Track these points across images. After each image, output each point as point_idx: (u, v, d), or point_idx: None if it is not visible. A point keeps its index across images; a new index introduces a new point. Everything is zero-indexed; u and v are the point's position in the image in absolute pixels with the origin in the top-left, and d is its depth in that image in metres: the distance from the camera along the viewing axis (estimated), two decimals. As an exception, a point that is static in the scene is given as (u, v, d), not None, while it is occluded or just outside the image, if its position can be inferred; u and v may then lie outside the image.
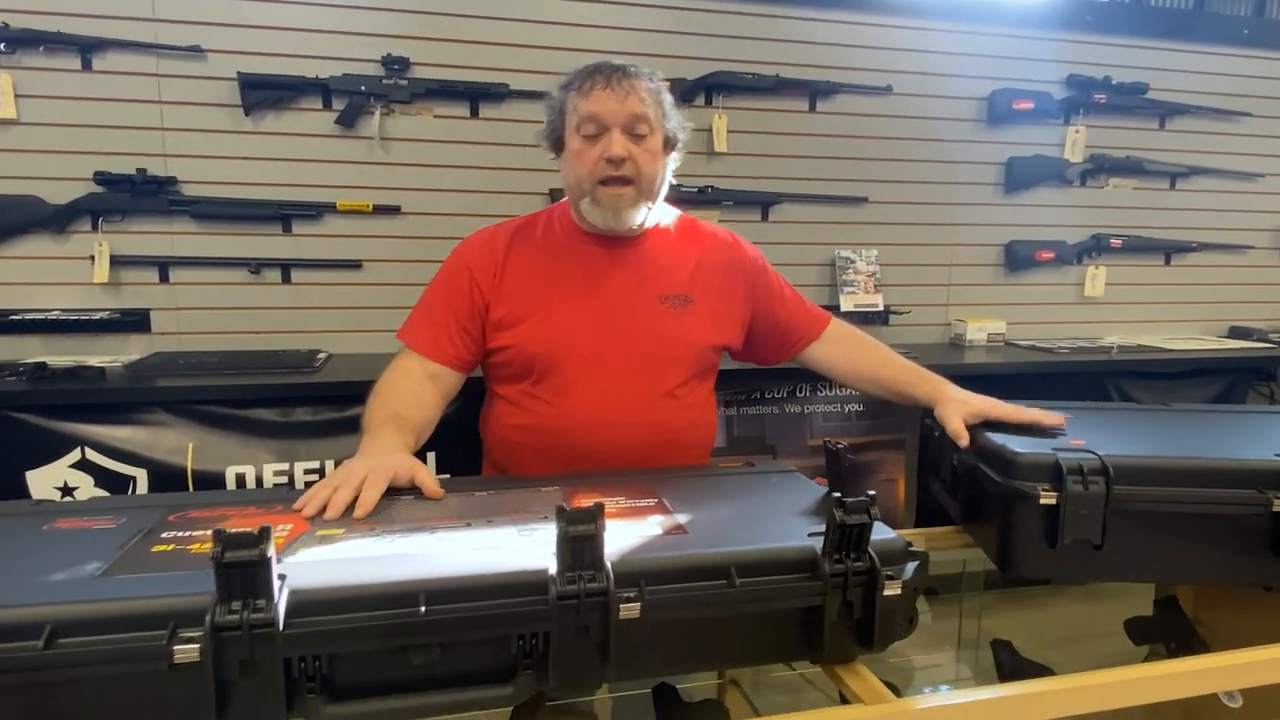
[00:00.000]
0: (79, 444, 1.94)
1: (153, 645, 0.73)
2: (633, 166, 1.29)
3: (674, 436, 1.37)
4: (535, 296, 1.35)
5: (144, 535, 0.94)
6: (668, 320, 1.37)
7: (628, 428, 1.33)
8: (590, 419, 1.32)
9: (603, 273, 1.38)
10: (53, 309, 2.24)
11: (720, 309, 1.43)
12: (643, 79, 1.32)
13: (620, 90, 1.28)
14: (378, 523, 0.99)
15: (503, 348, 1.36)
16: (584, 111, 1.29)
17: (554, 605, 0.81)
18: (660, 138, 1.33)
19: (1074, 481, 1.11)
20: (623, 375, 1.34)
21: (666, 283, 1.39)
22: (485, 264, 1.37)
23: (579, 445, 1.32)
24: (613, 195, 1.30)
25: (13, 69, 2.14)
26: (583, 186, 1.32)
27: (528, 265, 1.38)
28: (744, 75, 2.61)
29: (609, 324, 1.35)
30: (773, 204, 2.72)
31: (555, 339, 1.33)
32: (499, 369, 1.39)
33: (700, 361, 1.41)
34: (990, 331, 2.83)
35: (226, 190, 2.31)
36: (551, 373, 1.33)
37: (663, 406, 1.36)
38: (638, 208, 1.33)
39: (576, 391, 1.33)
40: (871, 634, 0.92)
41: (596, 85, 1.29)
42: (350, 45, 2.33)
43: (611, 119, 1.28)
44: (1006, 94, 2.81)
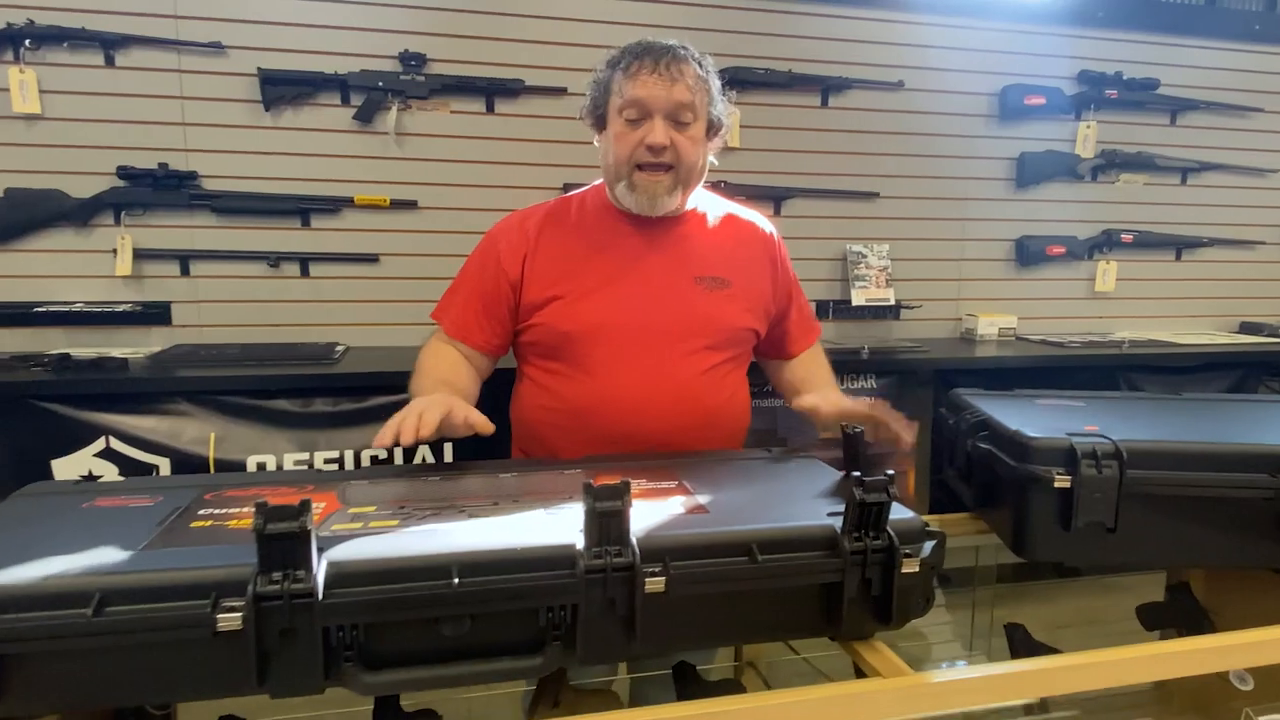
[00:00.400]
0: (103, 433, 1.97)
1: (197, 613, 0.76)
2: (673, 154, 1.27)
3: (708, 418, 1.36)
4: (568, 276, 1.34)
5: (181, 512, 0.97)
6: (702, 300, 1.36)
7: (660, 408, 1.31)
8: (621, 399, 1.31)
9: (637, 253, 1.36)
10: (76, 301, 2.28)
11: (754, 293, 1.42)
12: (691, 63, 1.29)
13: (667, 76, 1.25)
14: (408, 502, 1.02)
15: (533, 325, 1.35)
16: (629, 95, 1.26)
17: (581, 579, 0.83)
18: (703, 124, 1.31)
19: (1088, 465, 1.13)
20: (655, 355, 1.32)
21: (702, 264, 1.37)
22: (515, 246, 1.37)
23: (610, 426, 1.31)
24: (650, 181, 1.29)
25: (37, 65, 2.18)
26: (620, 170, 1.30)
27: (560, 245, 1.36)
28: (757, 70, 2.63)
29: (642, 303, 1.33)
30: (785, 199, 2.74)
31: (587, 318, 1.32)
32: (529, 348, 1.39)
33: (735, 343, 1.40)
34: (1001, 326, 2.84)
35: (246, 185, 2.34)
36: (582, 352, 1.32)
37: (697, 386, 1.35)
38: (674, 194, 1.31)
39: (608, 371, 1.31)
40: (890, 610, 0.94)
41: (644, 69, 1.26)
42: (368, 42, 2.36)
43: (656, 105, 1.26)
44: (1018, 89, 2.82)
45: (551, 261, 1.35)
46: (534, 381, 1.40)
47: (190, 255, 2.34)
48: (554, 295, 1.34)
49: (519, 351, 1.43)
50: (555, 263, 1.35)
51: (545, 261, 1.36)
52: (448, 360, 1.37)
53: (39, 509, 0.98)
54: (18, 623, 0.74)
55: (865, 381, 2.47)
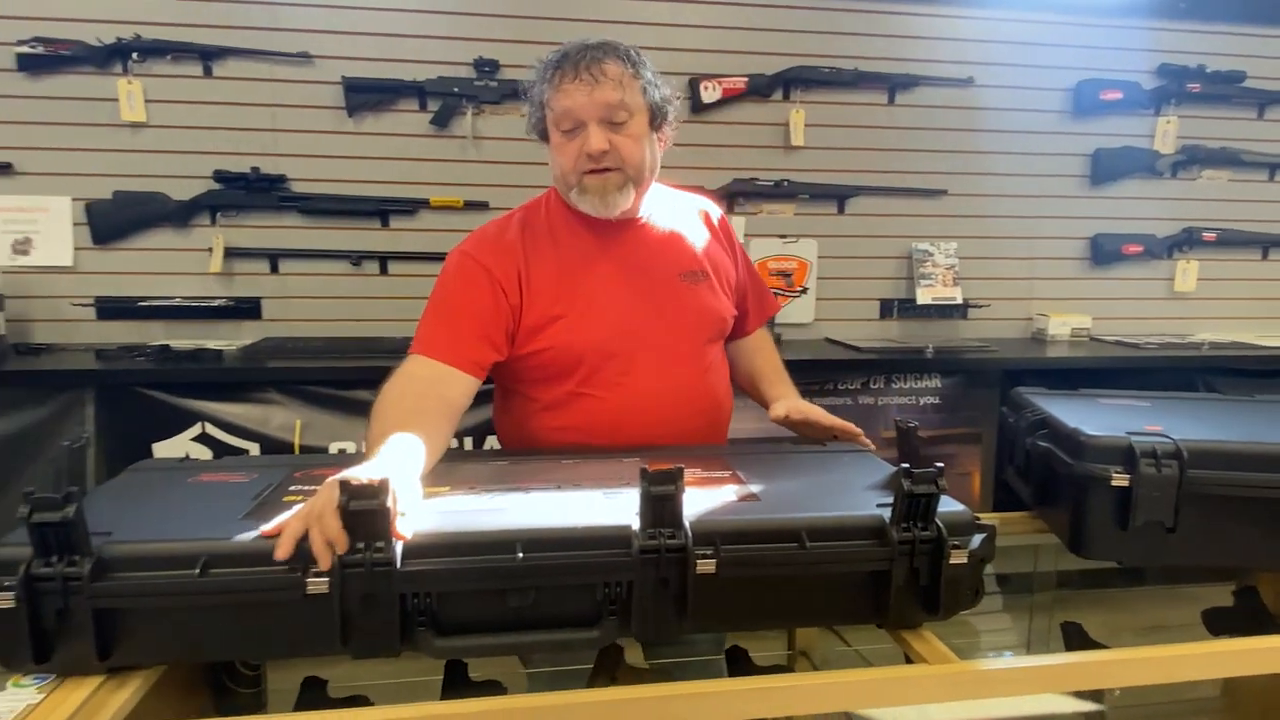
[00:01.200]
0: (199, 419, 2.12)
1: (289, 577, 0.84)
2: (615, 156, 1.24)
3: (718, 406, 1.39)
4: (564, 293, 1.30)
5: (275, 488, 1.05)
6: (692, 297, 1.36)
7: (683, 406, 1.33)
8: (648, 404, 1.31)
9: (620, 258, 1.34)
10: (175, 296, 2.44)
11: (725, 278, 1.43)
12: (612, 59, 1.23)
13: (589, 80, 1.21)
14: (477, 482, 1.08)
15: (539, 351, 1.29)
16: (558, 108, 1.23)
17: (636, 558, 0.88)
18: (643, 118, 1.26)
19: (1147, 464, 1.13)
20: (669, 356, 1.33)
21: (681, 261, 1.37)
22: (504, 266, 1.28)
23: (636, 433, 1.30)
24: (599, 181, 1.25)
25: (143, 77, 2.35)
26: (569, 180, 1.27)
27: (546, 261, 1.31)
28: (822, 70, 2.64)
29: (642, 308, 1.32)
30: (849, 197, 2.74)
31: (597, 332, 1.29)
32: (532, 373, 1.32)
33: (723, 333, 1.43)
34: (1074, 326, 2.78)
35: (331, 187, 2.48)
36: (604, 365, 1.30)
37: (707, 379, 1.37)
38: (625, 191, 1.27)
39: (632, 379, 1.30)
40: (937, 601, 0.96)
41: (566, 78, 1.22)
42: (445, 49, 2.46)
43: (585, 113, 1.22)
44: (1093, 84, 2.76)
45: (544, 281, 1.30)
46: (542, 403, 1.33)
47: (279, 254, 2.49)
48: (555, 315, 1.29)
49: (511, 376, 1.35)
50: (548, 281, 1.30)
51: (539, 281, 1.30)
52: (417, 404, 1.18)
53: (149, 483, 1.09)
54: (132, 581, 0.83)
55: (929, 381, 2.46)
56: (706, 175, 2.63)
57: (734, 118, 2.65)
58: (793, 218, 2.73)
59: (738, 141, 2.66)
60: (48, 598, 0.82)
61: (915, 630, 0.99)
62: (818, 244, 2.75)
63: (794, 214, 2.73)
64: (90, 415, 2.07)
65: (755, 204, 2.70)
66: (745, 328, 1.52)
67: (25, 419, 2.05)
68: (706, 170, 2.63)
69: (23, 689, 0.83)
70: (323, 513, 0.85)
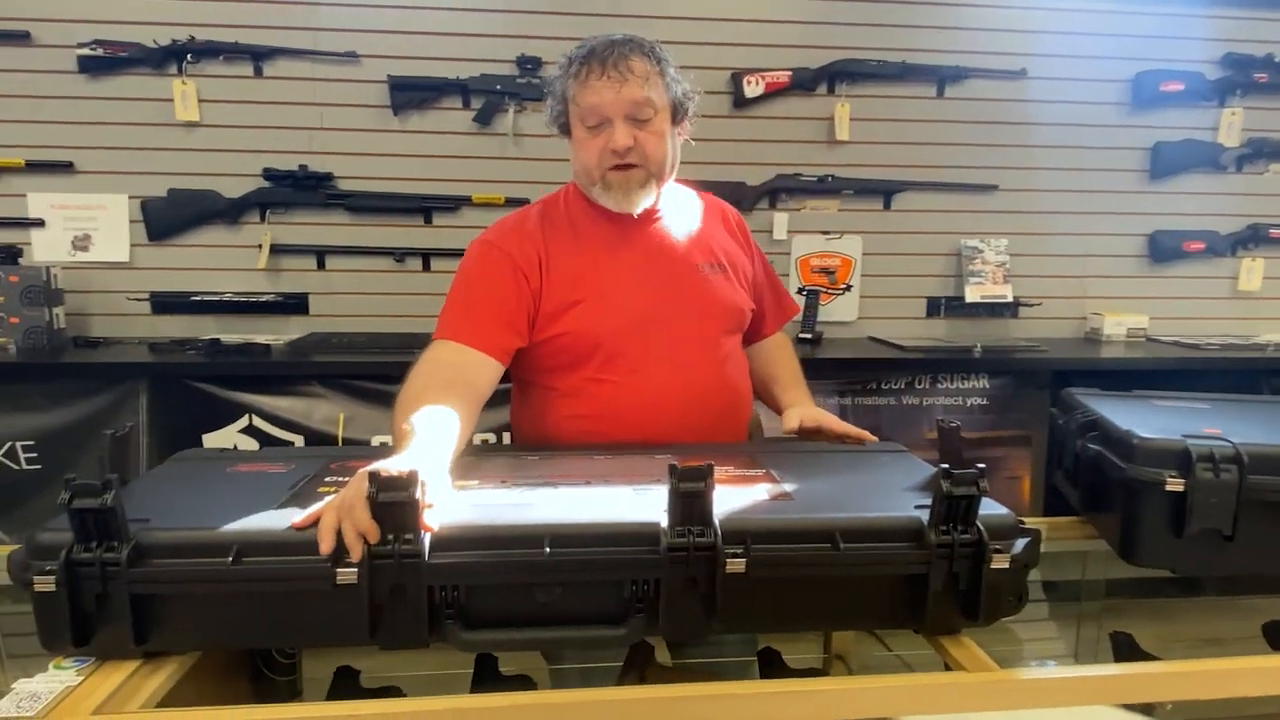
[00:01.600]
0: (247, 412, 2.17)
1: (319, 567, 0.85)
2: (639, 153, 1.26)
3: (736, 396, 1.38)
4: (584, 278, 1.31)
5: (310, 479, 1.07)
6: (711, 287, 1.36)
7: (700, 394, 1.33)
8: (664, 391, 1.30)
9: (640, 247, 1.35)
10: (226, 291, 2.50)
11: (742, 270, 1.43)
12: (638, 56, 1.25)
13: (617, 77, 1.22)
14: (506, 476, 1.08)
15: (557, 335, 1.30)
16: (584, 104, 1.25)
17: (664, 556, 0.87)
18: (666, 116, 1.28)
19: (1204, 469, 1.08)
20: (686, 345, 1.32)
21: (699, 251, 1.38)
22: (525, 252, 1.30)
23: (652, 423, 1.30)
24: (622, 178, 1.27)
25: (197, 77, 2.41)
26: (591, 175, 1.29)
27: (566, 249, 1.33)
28: (869, 63, 2.59)
29: (662, 295, 1.33)
30: (896, 192, 2.68)
31: (615, 317, 1.30)
32: (551, 359, 1.32)
33: (741, 325, 1.42)
34: (1130, 326, 2.68)
35: (375, 185, 2.51)
36: (617, 352, 1.30)
37: (724, 372, 1.36)
38: (647, 188, 1.29)
39: (647, 368, 1.30)
40: (977, 606, 0.93)
41: (592, 75, 1.24)
42: (488, 47, 2.48)
43: (611, 110, 1.23)
44: (1153, 75, 2.65)
45: (565, 266, 1.32)
46: (559, 391, 1.34)
47: (325, 250, 2.53)
48: (574, 300, 1.30)
49: (529, 366, 1.35)
50: (568, 267, 1.32)
51: (559, 267, 1.31)
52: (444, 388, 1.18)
53: (190, 472, 1.11)
54: (168, 567, 0.84)
55: (976, 381, 2.39)
56: (749, 171, 2.60)
57: (777, 112, 2.61)
58: (837, 214, 2.68)
59: (781, 136, 2.62)
60: (87, 582, 0.83)
61: (954, 636, 0.96)
62: (862, 240, 2.70)
63: (838, 210, 2.68)
64: (144, 406, 2.12)
65: (798, 200, 2.66)
66: (762, 329, 1.52)
67: (83, 409, 2.12)
68: (749, 166, 2.61)
69: (63, 671, 0.86)
70: (354, 504, 0.86)
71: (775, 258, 2.63)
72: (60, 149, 2.39)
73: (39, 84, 2.36)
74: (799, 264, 2.68)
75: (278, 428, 2.18)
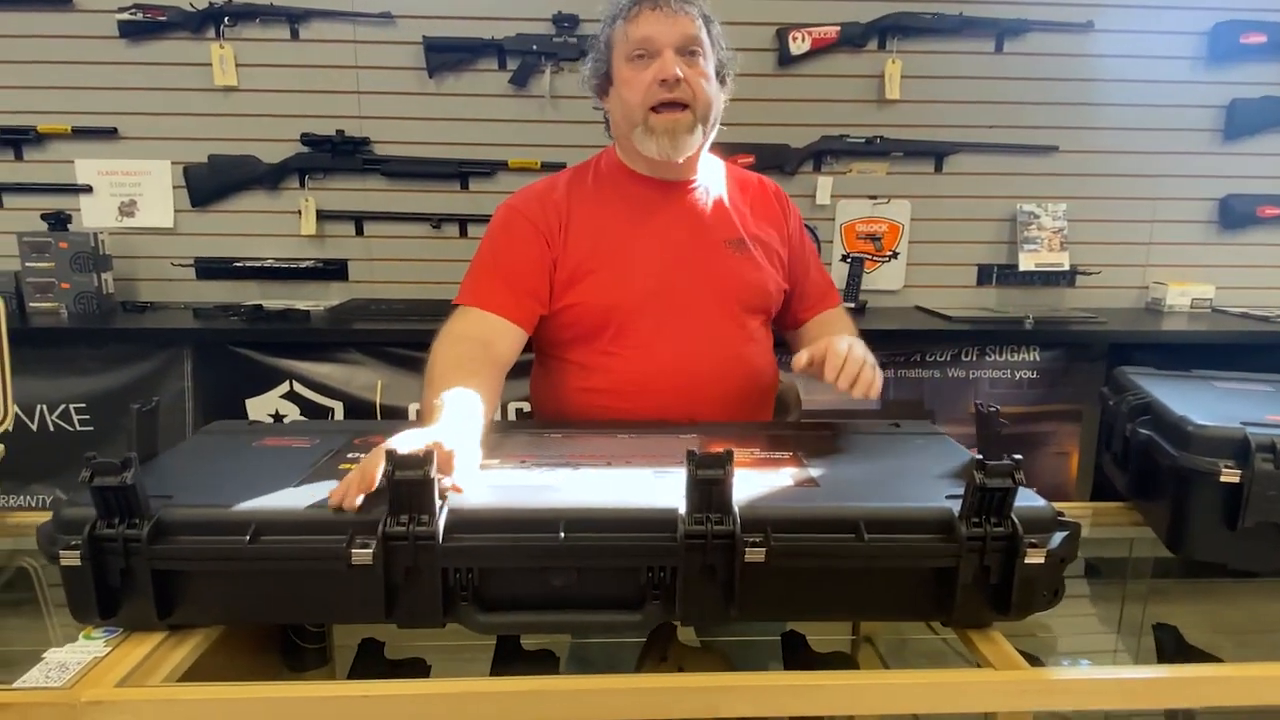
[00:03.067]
0: (288, 378, 2.20)
1: (335, 547, 0.85)
2: (687, 90, 1.23)
3: (754, 380, 1.35)
4: (600, 249, 1.30)
5: (333, 455, 1.07)
6: (734, 264, 1.33)
7: (714, 373, 1.30)
8: (674, 369, 1.29)
9: (667, 219, 1.33)
10: (267, 257, 2.53)
11: (778, 252, 1.40)
12: (692, 1, 1.27)
13: (669, 11, 1.23)
14: (529, 456, 1.07)
15: (571, 305, 1.30)
16: (634, 36, 1.24)
17: (681, 543, 0.85)
18: (713, 63, 1.28)
19: (1263, 459, 1.01)
20: (700, 322, 1.30)
21: (727, 228, 1.35)
22: (548, 219, 1.31)
23: (664, 397, 1.28)
24: (668, 120, 1.24)
25: (234, 40, 2.41)
26: (634, 116, 1.26)
27: (588, 217, 1.32)
28: (923, 16, 2.47)
29: (679, 271, 1.31)
30: (948, 154, 2.57)
31: (628, 290, 1.29)
32: (565, 330, 1.32)
33: (767, 305, 1.38)
34: (1195, 296, 2.55)
35: (412, 149, 2.50)
36: (630, 325, 1.29)
37: (742, 350, 1.34)
38: (694, 133, 1.26)
39: (658, 343, 1.29)
40: (1009, 601, 0.89)
41: (645, 7, 1.24)
42: (523, 5, 2.42)
43: (664, 39, 1.23)
44: (1233, 26, 2.48)
45: (583, 235, 1.31)
46: (573, 364, 1.34)
47: (363, 216, 2.54)
48: (589, 269, 1.29)
49: (547, 336, 1.35)
50: (586, 237, 1.31)
51: (577, 234, 1.31)
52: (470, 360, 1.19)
53: (215, 446, 1.12)
54: (188, 544, 0.85)
55: (1026, 354, 2.31)
56: (792, 133, 2.52)
57: (824, 70, 2.51)
58: (885, 177, 2.59)
59: (827, 96, 2.53)
60: (111, 557, 0.85)
61: (984, 631, 0.93)
62: (911, 205, 2.60)
63: (886, 173, 2.59)
64: (189, 371, 2.17)
65: (844, 163, 2.57)
66: (801, 315, 1.47)
67: (131, 373, 2.17)
68: (793, 127, 2.52)
69: (92, 641, 0.88)
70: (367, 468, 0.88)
71: (819, 223, 2.58)
72: (104, 115, 2.42)
73: (82, 49, 2.39)
74: (843, 230, 2.60)
75: (317, 393, 2.21)
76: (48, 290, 2.31)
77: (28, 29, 2.36)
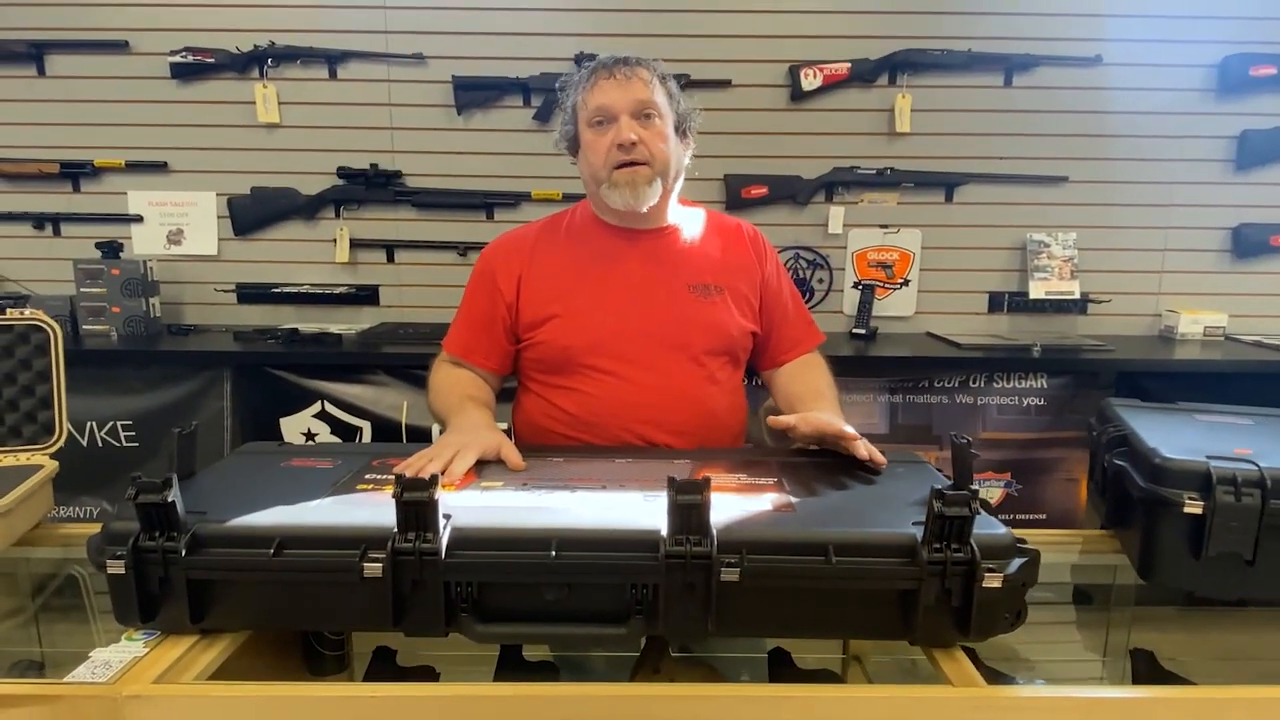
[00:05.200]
0: (320, 398, 2.32)
1: (349, 561, 0.94)
2: (644, 150, 1.32)
3: (711, 420, 1.41)
4: (563, 291, 1.40)
5: (353, 475, 1.16)
6: (697, 308, 1.40)
7: (665, 415, 1.37)
8: (626, 409, 1.37)
9: (630, 265, 1.41)
10: (304, 283, 2.67)
11: (748, 296, 1.46)
12: (645, 66, 1.35)
13: (623, 78, 1.32)
14: (530, 479, 1.15)
15: (536, 343, 1.40)
16: (592, 105, 1.33)
17: (662, 562, 0.92)
18: (670, 122, 1.36)
19: (1224, 492, 1.06)
20: (656, 364, 1.37)
21: (693, 272, 1.42)
22: (508, 268, 1.42)
23: (616, 431, 1.37)
24: (629, 174, 1.33)
25: (277, 80, 2.56)
26: (599, 175, 1.35)
27: (554, 262, 1.42)
28: (932, 52, 2.54)
29: (640, 315, 1.38)
30: (958, 185, 2.63)
31: (587, 334, 1.38)
32: (533, 364, 1.44)
33: (732, 347, 1.43)
34: (1208, 324, 2.56)
35: (441, 182, 2.62)
36: (585, 364, 1.38)
37: (699, 392, 1.40)
38: (654, 186, 1.34)
39: (612, 383, 1.37)
40: (969, 623, 0.95)
41: (600, 78, 1.33)
42: (547, 46, 2.55)
43: (619, 106, 1.31)
44: (1243, 59, 2.51)
45: (546, 280, 1.41)
46: (539, 395, 1.44)
47: (394, 244, 2.66)
48: (552, 314, 1.39)
49: (522, 366, 1.47)
50: (550, 281, 1.41)
51: (540, 281, 1.41)
52: (465, 378, 1.43)
53: (247, 466, 1.22)
54: (219, 556, 0.95)
55: (1035, 381, 2.34)
56: (805, 164, 2.60)
57: (835, 105, 2.59)
58: (896, 207, 2.65)
59: (839, 129, 2.61)
60: (151, 567, 0.94)
61: (948, 650, 0.99)
62: (922, 234, 2.66)
63: (897, 203, 2.65)
64: (228, 391, 2.30)
65: (856, 193, 2.64)
66: (779, 357, 1.51)
67: (175, 393, 2.31)
68: (805, 159, 2.60)
69: (133, 642, 0.97)
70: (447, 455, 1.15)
71: (831, 251, 2.65)
72: (156, 150, 2.58)
73: (137, 89, 2.56)
74: (855, 258, 2.67)
75: (348, 414, 2.32)
76: (99, 314, 2.46)
77: (88, 70, 2.54)
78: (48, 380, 1.35)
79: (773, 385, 1.53)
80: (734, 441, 1.47)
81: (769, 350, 1.51)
